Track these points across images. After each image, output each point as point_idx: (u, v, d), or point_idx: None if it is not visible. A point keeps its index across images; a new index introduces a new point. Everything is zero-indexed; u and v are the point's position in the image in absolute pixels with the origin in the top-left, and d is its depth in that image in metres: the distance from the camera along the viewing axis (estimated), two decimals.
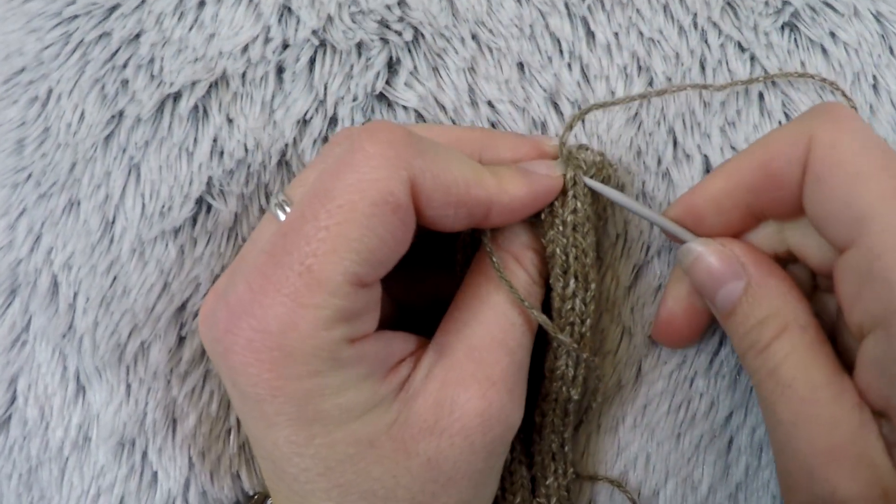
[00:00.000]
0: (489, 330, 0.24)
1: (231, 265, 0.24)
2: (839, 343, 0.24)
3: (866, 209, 0.21)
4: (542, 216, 0.25)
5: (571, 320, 0.25)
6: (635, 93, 0.29)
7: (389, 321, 0.27)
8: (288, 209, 0.23)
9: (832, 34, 0.30)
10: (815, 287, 0.26)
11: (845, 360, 0.23)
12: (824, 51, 0.30)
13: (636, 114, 0.29)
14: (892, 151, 0.22)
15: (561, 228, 0.25)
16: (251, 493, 0.30)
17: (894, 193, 0.21)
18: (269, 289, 0.21)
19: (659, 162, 0.29)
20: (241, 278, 0.22)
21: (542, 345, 0.26)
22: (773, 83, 0.30)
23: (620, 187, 0.29)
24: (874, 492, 0.21)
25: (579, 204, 0.25)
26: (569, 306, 0.25)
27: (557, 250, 0.25)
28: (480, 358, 0.23)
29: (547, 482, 0.27)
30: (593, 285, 0.25)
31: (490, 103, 0.29)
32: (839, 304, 0.23)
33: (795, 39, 0.30)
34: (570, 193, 0.25)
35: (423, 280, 0.28)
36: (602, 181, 0.26)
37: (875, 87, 0.30)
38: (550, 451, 0.27)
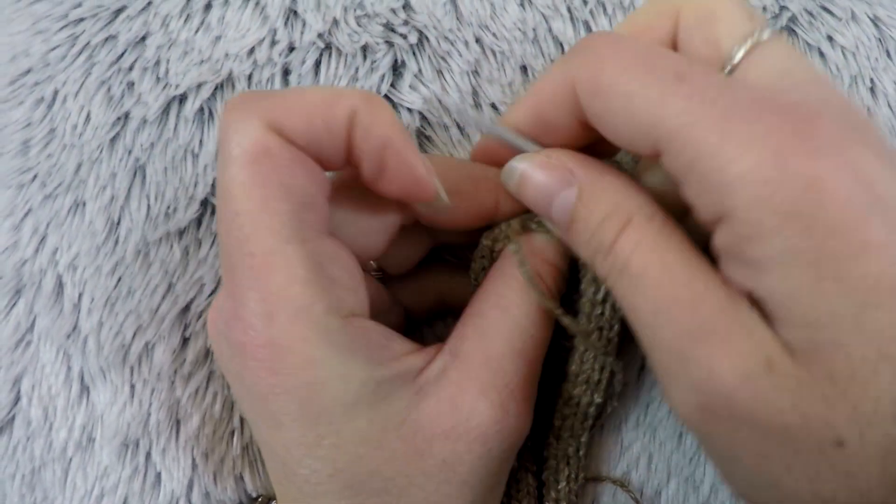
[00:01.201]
0: (509, 340, 0.23)
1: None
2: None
3: (650, 121, 0.20)
4: None
5: (601, 325, 0.25)
6: None
7: (399, 330, 0.27)
8: None
9: (829, 38, 0.31)
10: None
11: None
12: (822, 54, 0.30)
13: None
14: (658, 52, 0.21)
15: None
16: (254, 494, 0.30)
17: (667, 96, 0.20)
18: (239, 288, 0.21)
19: None
20: (223, 283, 0.22)
21: (552, 351, 0.26)
22: None
23: None
24: (754, 363, 0.19)
25: None
26: (598, 311, 0.25)
27: None
28: (499, 367, 0.23)
29: (559, 486, 0.27)
30: None
31: (494, 105, 0.29)
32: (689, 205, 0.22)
33: (793, 43, 0.31)
34: None
35: (428, 282, 0.28)
36: None
37: (872, 90, 0.30)
38: (566, 455, 0.27)
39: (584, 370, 0.26)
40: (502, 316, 0.24)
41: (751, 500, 0.21)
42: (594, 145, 0.24)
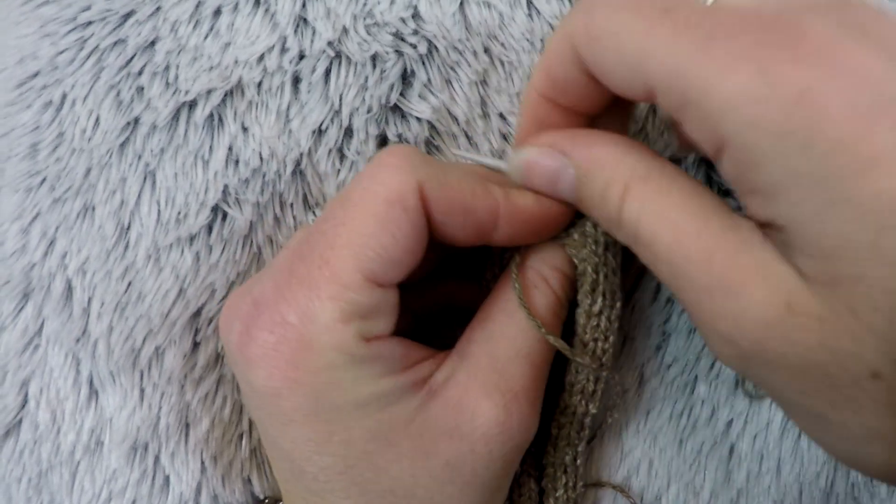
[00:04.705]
0: (514, 343, 0.24)
1: (263, 269, 0.25)
2: None
3: (638, 57, 0.19)
4: (576, 236, 0.25)
5: (595, 336, 0.25)
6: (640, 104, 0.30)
7: (406, 333, 0.28)
8: None
9: None
10: None
11: None
12: None
13: (642, 128, 0.30)
14: None
15: (594, 248, 0.25)
16: (262, 497, 0.30)
17: (652, 28, 0.19)
18: (293, 283, 0.22)
19: None
20: (269, 276, 0.23)
21: (558, 357, 0.27)
22: None
23: None
24: (774, 309, 0.18)
25: None
26: (594, 323, 0.25)
27: (589, 268, 0.25)
28: (504, 369, 0.24)
29: (557, 494, 0.28)
30: (619, 304, 0.26)
31: (501, 115, 0.30)
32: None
33: None
34: None
35: (438, 288, 0.29)
36: None
37: None
38: (563, 463, 0.28)
39: (579, 380, 0.26)
40: (509, 320, 0.25)
41: (811, 435, 0.20)
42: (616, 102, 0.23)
